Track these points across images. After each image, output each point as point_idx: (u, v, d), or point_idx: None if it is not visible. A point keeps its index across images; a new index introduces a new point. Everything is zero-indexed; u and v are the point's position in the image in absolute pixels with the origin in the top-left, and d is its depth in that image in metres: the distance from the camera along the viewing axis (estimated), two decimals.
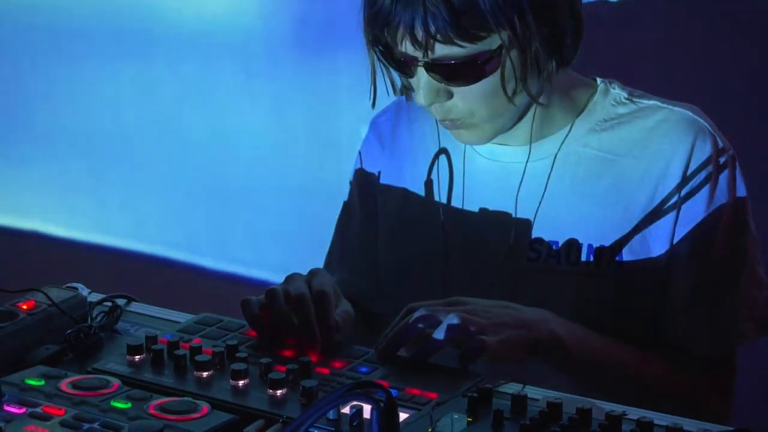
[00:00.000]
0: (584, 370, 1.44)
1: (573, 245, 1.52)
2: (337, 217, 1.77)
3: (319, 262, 1.77)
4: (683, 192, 1.49)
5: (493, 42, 1.40)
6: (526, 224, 1.54)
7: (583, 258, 1.51)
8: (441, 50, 1.40)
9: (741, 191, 1.51)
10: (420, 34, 1.39)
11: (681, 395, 1.49)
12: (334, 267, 1.76)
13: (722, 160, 1.50)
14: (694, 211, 1.49)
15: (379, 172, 1.69)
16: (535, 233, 1.54)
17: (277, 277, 1.48)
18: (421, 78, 1.44)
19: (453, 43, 1.39)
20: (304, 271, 1.46)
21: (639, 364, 1.49)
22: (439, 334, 1.30)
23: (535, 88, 1.46)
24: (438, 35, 1.38)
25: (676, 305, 1.51)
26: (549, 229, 1.53)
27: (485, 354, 1.29)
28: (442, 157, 1.61)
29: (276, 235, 2.56)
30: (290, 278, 1.43)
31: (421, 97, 1.45)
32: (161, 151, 2.66)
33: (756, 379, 1.64)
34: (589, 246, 1.51)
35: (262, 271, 2.59)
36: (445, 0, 1.36)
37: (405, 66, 1.46)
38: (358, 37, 1.48)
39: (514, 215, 1.55)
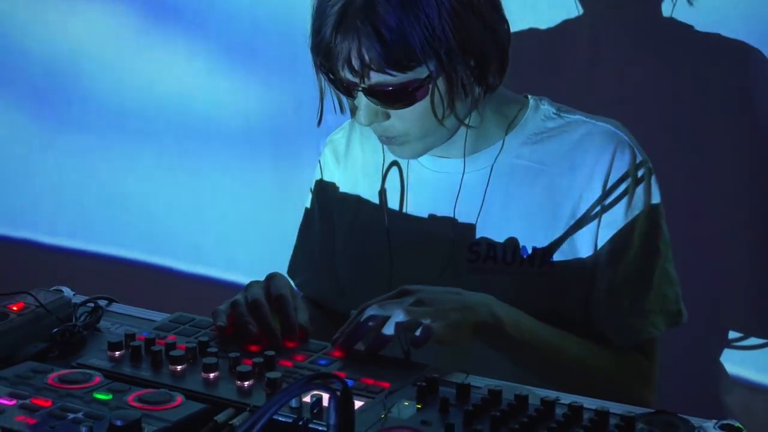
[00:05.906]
0: (520, 349, 1.46)
1: (509, 247, 1.55)
2: (299, 223, 1.79)
3: (284, 265, 1.79)
4: (605, 202, 1.53)
5: (422, 72, 1.44)
6: (467, 228, 1.57)
7: (519, 259, 1.55)
8: (376, 78, 1.44)
9: (656, 198, 1.55)
10: (356, 63, 1.43)
11: (609, 378, 1.52)
12: (298, 269, 1.78)
13: (640, 172, 1.54)
14: (615, 218, 1.53)
15: (336, 183, 1.72)
16: (475, 237, 1.57)
17: (245, 279, 1.49)
18: (362, 101, 1.48)
19: (385, 72, 1.43)
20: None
21: (570, 346, 1.52)
22: (388, 329, 1.33)
23: (463, 111, 1.50)
24: (372, 65, 1.42)
25: (600, 300, 1.55)
26: (487, 233, 1.56)
27: (433, 338, 1.32)
28: (394, 169, 1.65)
29: (245, 240, 2.56)
30: (249, 286, 1.45)
31: (361, 117, 1.49)
32: (139, 163, 2.65)
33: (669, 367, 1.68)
34: (524, 248, 1.55)
35: (232, 274, 2.58)
36: (378, 34, 1.40)
37: (348, 90, 1.49)
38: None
39: (455, 221, 1.59)
